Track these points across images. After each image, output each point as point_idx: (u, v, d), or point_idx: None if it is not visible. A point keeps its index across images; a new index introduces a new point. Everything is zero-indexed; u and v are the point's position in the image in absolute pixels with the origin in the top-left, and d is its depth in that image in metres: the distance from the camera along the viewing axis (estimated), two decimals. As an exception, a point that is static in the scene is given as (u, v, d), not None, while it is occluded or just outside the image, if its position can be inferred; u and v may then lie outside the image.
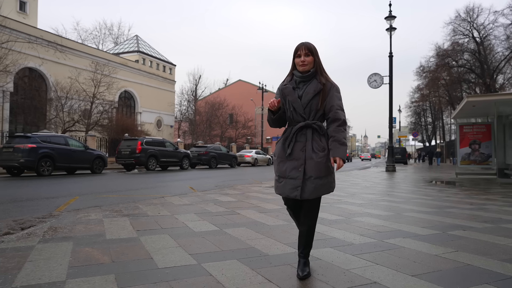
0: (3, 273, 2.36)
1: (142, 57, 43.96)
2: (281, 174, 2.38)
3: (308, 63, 2.36)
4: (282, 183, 2.36)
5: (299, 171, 2.29)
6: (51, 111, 28.73)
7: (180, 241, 3.25)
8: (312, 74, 2.37)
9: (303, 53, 2.36)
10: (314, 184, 2.26)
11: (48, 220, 4.23)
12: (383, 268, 2.49)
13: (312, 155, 2.29)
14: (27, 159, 12.38)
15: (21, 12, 34.67)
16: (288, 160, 2.35)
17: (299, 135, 2.35)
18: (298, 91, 2.37)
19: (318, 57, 2.40)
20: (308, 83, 2.37)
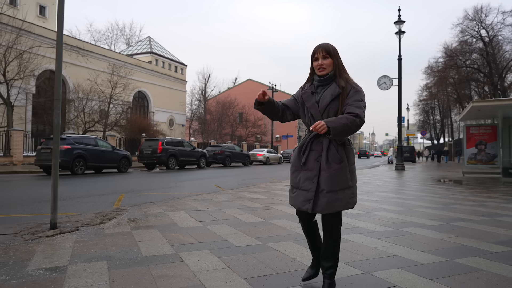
0: (130, 247, 3.30)
1: (155, 58, 45.08)
2: (294, 185, 2.28)
3: (327, 66, 2.21)
4: (295, 194, 2.26)
5: (312, 183, 2.16)
6: (70, 112, 29.91)
7: (239, 229, 4.17)
8: (331, 77, 2.21)
9: (320, 56, 2.21)
10: (326, 198, 2.11)
11: (122, 213, 5.17)
12: (401, 247, 3.38)
13: (325, 166, 2.13)
14: (63, 159, 13.41)
15: (41, 16, 35.92)
16: (302, 170, 2.22)
17: (314, 143, 2.20)
18: (316, 96, 2.23)
19: (338, 58, 2.24)
20: (327, 87, 2.22)
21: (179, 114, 48.11)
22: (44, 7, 36.97)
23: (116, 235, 3.83)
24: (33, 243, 3.46)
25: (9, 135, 20.33)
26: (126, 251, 3.21)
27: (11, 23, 22.50)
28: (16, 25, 22.53)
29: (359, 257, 3.05)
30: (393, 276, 2.59)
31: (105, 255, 3.08)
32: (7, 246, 3.36)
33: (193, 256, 3.06)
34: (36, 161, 14.07)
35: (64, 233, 3.87)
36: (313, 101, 2.22)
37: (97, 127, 28.12)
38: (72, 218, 4.71)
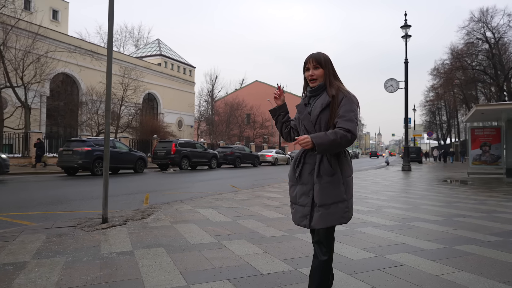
0: (177, 237, 3.91)
1: (164, 60, 45.88)
2: (292, 200, 2.21)
3: (318, 77, 2.13)
4: (294, 210, 2.18)
5: (308, 197, 2.08)
6: (83, 114, 30.74)
7: (265, 223, 4.76)
8: (321, 87, 2.13)
9: (311, 66, 2.14)
10: (319, 212, 2.03)
11: (157, 210, 5.79)
12: (407, 237, 3.96)
13: (317, 179, 2.05)
14: (84, 160, 14.14)
15: (54, 20, 36.84)
16: (298, 184, 2.15)
17: (308, 156, 2.13)
18: (309, 107, 2.17)
19: (329, 67, 2.14)
20: (318, 97, 2.14)
21: (188, 115, 48.87)
22: (57, 11, 37.92)
23: (160, 228, 4.44)
24: (94, 234, 4.08)
25: (28, 137, 21.14)
26: (176, 240, 3.82)
27: (28, 28, 23.32)
28: (32, 30, 23.33)
29: (373, 245, 3.62)
30: (402, 258, 3.17)
31: (159, 243, 3.69)
32: (73, 236, 3.98)
33: (233, 244, 3.65)
34: (58, 162, 14.79)
35: (115, 226, 4.49)
36: (306, 113, 2.15)
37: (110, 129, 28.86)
38: (116, 214, 5.33)
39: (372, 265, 3.00)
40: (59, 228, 4.33)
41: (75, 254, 3.26)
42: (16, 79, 21.85)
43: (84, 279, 2.64)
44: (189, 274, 2.74)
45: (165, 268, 2.89)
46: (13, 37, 21.57)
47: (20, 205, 6.76)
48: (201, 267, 2.91)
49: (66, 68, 29.69)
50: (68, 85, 31.75)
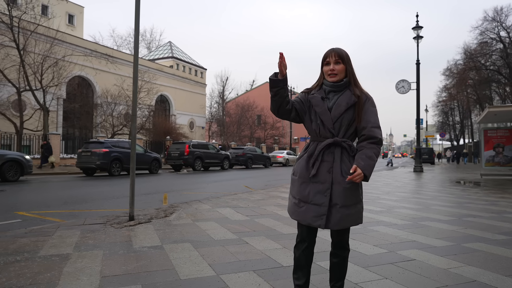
0: (200, 233, 4.20)
1: (176, 62, 46.51)
2: (302, 198, 2.08)
3: (339, 72, 2.06)
4: (303, 209, 2.07)
5: (324, 196, 2.01)
6: (98, 116, 31.43)
7: (282, 221, 5.02)
8: (345, 84, 2.07)
9: (332, 61, 2.06)
10: (340, 214, 2.00)
11: (177, 209, 6.09)
12: (418, 235, 4.17)
13: (340, 179, 2.00)
14: (102, 161, 14.60)
15: (70, 24, 37.73)
16: (311, 182, 2.05)
17: (326, 153, 2.05)
18: (328, 102, 2.07)
19: (351, 65, 2.10)
20: (340, 93, 2.07)
21: (199, 116, 49.40)
22: (72, 15, 38.82)
23: (183, 225, 4.74)
24: (123, 230, 4.40)
25: (47, 138, 21.77)
26: (200, 236, 4.11)
27: (46, 33, 24.01)
28: (50, 35, 24.01)
29: (385, 242, 3.86)
30: (412, 254, 3.39)
31: (185, 239, 3.98)
32: (105, 232, 4.30)
33: (254, 240, 3.92)
34: (77, 163, 15.29)
35: (142, 223, 4.80)
36: (325, 107, 2.05)
37: (124, 131, 29.50)
38: (140, 212, 5.65)
39: (384, 259, 3.23)
40: (90, 225, 4.66)
41: (110, 248, 3.57)
42: (35, 83, 22.51)
43: (124, 268, 2.94)
44: (217, 266, 3.02)
45: (194, 260, 3.17)
46: (32, 42, 22.25)
47: (48, 203, 7.15)
48: (227, 260, 3.19)
49: (82, 71, 30.40)
50: (84, 88, 32.50)
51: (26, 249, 3.51)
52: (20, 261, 3.13)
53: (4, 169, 11.37)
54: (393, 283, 2.65)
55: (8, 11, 20.70)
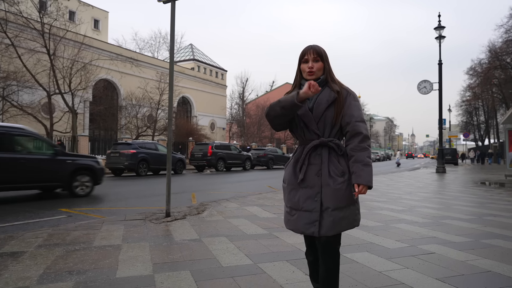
0: (233, 229, 4.56)
1: (197, 64, 47.34)
2: (293, 206, 2.01)
3: (317, 70, 2.00)
4: (295, 217, 2.00)
5: (315, 201, 1.93)
6: (122, 118, 32.44)
7: (307, 219, 5.32)
8: (323, 81, 2.01)
9: (310, 58, 2.00)
10: (332, 217, 1.90)
11: (208, 207, 6.48)
12: (439, 232, 4.40)
13: (329, 181, 1.91)
14: (130, 162, 15.24)
15: (95, 29, 39.02)
16: (300, 188, 1.97)
17: (312, 156, 1.97)
18: (308, 103, 1.99)
19: (328, 63, 2.05)
20: (319, 92, 1.97)
21: (220, 117, 50.07)
22: (97, 20, 40.14)
23: (216, 221, 5.11)
24: (162, 225, 4.80)
25: (76, 140, 22.73)
26: (233, 231, 4.46)
27: (74, 38, 25.03)
28: (78, 40, 25.02)
29: (406, 237, 4.11)
30: (432, 248, 3.65)
31: (220, 233, 4.35)
32: (146, 226, 4.72)
33: (283, 235, 4.25)
34: (107, 163, 15.98)
35: (178, 220, 5.20)
36: (306, 109, 1.97)
37: (148, 132, 30.35)
38: (174, 210, 6.06)
39: (406, 252, 3.50)
40: (131, 221, 5.09)
41: (154, 240, 3.97)
42: (64, 86, 23.51)
43: (171, 257, 3.33)
44: (253, 256, 3.36)
45: (232, 251, 3.53)
46: (61, 47, 23.25)
47: (87, 201, 7.68)
48: (261, 251, 3.53)
49: (108, 74, 31.45)
50: (109, 91, 33.59)
51: (81, 240, 3.95)
52: (79, 250, 3.56)
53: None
54: (414, 272, 2.93)
55: (40, 19, 21.73)
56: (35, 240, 3.93)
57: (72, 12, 34.68)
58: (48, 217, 5.75)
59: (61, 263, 3.13)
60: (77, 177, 8.27)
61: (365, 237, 4.14)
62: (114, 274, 2.86)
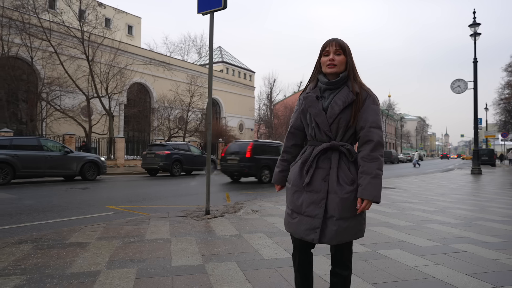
0: (270, 226, 4.86)
1: (226, 66, 48.11)
2: (295, 209, 1.94)
3: (338, 63, 1.86)
4: (296, 220, 1.93)
5: (319, 207, 1.84)
6: (155, 120, 33.56)
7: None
8: (343, 79, 1.87)
9: (332, 50, 1.88)
10: (336, 227, 1.81)
11: (243, 206, 6.81)
12: (471, 233, 4.51)
13: (336, 188, 1.82)
14: (165, 162, 15.88)
15: (129, 35, 40.56)
16: (305, 191, 1.89)
17: (321, 159, 1.88)
18: (323, 102, 1.89)
19: (352, 58, 1.92)
20: (337, 91, 1.87)
21: (248, 119, 50.65)
22: (131, 26, 41.69)
23: (253, 219, 5.43)
24: (203, 222, 5.17)
25: (112, 141, 23.84)
26: (270, 228, 4.76)
27: (110, 44, 26.22)
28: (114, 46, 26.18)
29: (438, 237, 4.26)
30: (464, 247, 3.80)
31: (258, 230, 4.66)
32: (189, 223, 5.10)
33: (318, 232, 4.51)
34: (143, 164, 16.73)
35: (217, 217, 5.55)
36: (319, 108, 1.88)
37: (179, 133, 31.26)
38: (212, 208, 6.43)
39: (437, 250, 3.67)
40: (175, 218, 5.50)
41: (199, 235, 4.34)
42: (101, 90, 24.68)
43: (217, 250, 3.67)
44: (291, 250, 3.64)
45: (271, 246, 3.83)
46: (99, 53, 24.44)
47: (130, 199, 8.22)
48: (298, 247, 3.80)
49: (141, 78, 32.65)
50: (142, 94, 34.84)
51: (133, 234, 4.37)
52: (134, 242, 3.97)
53: (84, 169, 12.89)
54: (445, 268, 3.12)
55: (80, 27, 22.96)
56: (94, 233, 4.38)
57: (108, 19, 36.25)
58: (98, 213, 6.28)
59: (122, 252, 3.54)
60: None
61: (396, 235, 4.33)
62: (169, 263, 3.23)
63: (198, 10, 5.85)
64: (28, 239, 4.05)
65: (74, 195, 9.00)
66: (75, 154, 13.04)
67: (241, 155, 13.12)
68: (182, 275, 2.93)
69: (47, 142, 12.63)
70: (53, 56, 22.55)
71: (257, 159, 12.92)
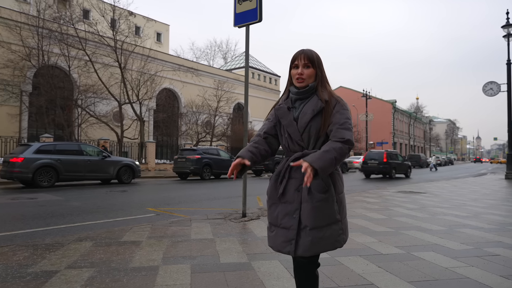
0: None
1: (251, 71, 48.62)
2: (272, 221, 1.92)
3: (307, 77, 1.89)
4: (273, 233, 1.91)
5: (293, 218, 1.81)
6: (182, 124, 34.42)
7: (372, 222, 5.71)
8: (311, 89, 1.90)
9: (301, 64, 1.89)
10: (310, 237, 1.76)
11: (276, 209, 7.08)
12: (504, 237, 4.60)
13: (308, 197, 1.79)
14: (195, 166, 16.39)
15: (158, 42, 41.84)
16: (280, 203, 1.88)
17: (294, 169, 1.84)
18: (294, 112, 1.91)
19: (322, 69, 1.93)
20: (307, 100, 1.89)
21: (273, 123, 50.96)
22: (160, 33, 42.99)
23: (288, 222, 5.68)
24: (241, 224, 5.48)
25: (143, 146, 24.69)
26: (305, 230, 5.01)
27: (141, 52, 27.23)
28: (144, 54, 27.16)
29: (471, 241, 4.38)
30: (497, 251, 3.91)
31: (294, 232, 4.91)
32: (228, 225, 5.42)
33: (352, 235, 4.70)
34: (174, 168, 17.32)
35: (253, 220, 5.85)
36: (290, 118, 1.89)
37: (207, 138, 31.93)
38: (248, 211, 6.74)
39: (471, 253, 3.82)
40: (214, 220, 5.83)
41: (240, 236, 4.64)
42: (133, 96, 25.65)
43: (259, 249, 3.96)
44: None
45: (309, 247, 4.07)
46: (130, 61, 25.44)
47: (167, 202, 8.66)
48: (335, 248, 4.04)
49: (170, 84, 33.61)
50: (170, 99, 35.84)
51: (179, 234, 4.73)
52: (182, 241, 4.32)
53: (120, 173, 13.53)
54: (478, 269, 3.27)
55: (113, 36, 24.00)
56: (143, 232, 4.77)
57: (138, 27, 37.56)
58: (141, 215, 6.71)
59: (173, 251, 3.88)
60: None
61: (429, 239, 4.48)
62: (218, 260, 3.55)
63: (235, 24, 6.19)
64: (86, 237, 4.48)
65: (115, 197, 9.54)
66: (112, 158, 13.72)
67: (380, 160, 19.51)
68: (232, 271, 3.23)
69: (87, 147, 13.37)
70: (88, 64, 23.70)
71: (390, 163, 19.55)
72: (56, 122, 23.28)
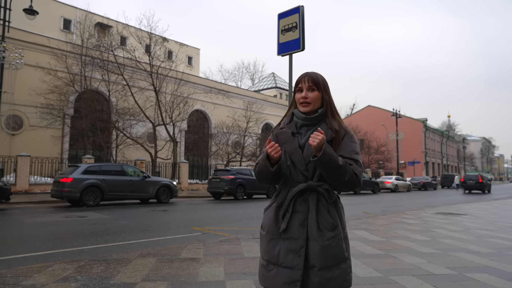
0: (352, 248, 5.26)
1: (279, 92, 49.42)
2: (271, 259, 1.72)
3: (312, 101, 1.76)
4: (273, 273, 1.71)
5: (298, 257, 1.65)
6: (213, 145, 35.18)
7: (416, 243, 5.77)
8: (321, 116, 1.78)
9: (305, 87, 1.78)
10: (318, 278, 1.62)
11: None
12: (557, 261, 4.59)
13: (317, 235, 1.65)
14: (229, 186, 16.75)
15: (189, 65, 43.38)
16: (282, 239, 1.71)
17: (298, 202, 1.71)
18: (300, 139, 1.76)
19: (329, 93, 1.81)
20: (314, 128, 1.75)
21: (302, 142, 51.10)
22: (191, 57, 44.59)
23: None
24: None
25: (177, 166, 25.43)
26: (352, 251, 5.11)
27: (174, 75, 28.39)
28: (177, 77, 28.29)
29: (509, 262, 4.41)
30: (552, 273, 3.94)
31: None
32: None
33: (400, 255, 4.83)
34: (208, 188, 17.75)
35: (298, 239, 6.05)
36: (296, 145, 1.74)
37: (237, 158, 32.43)
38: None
39: (525, 275, 3.87)
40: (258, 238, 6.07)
41: (290, 255, 4.85)
42: (166, 118, 26.61)
43: (312, 268, 4.16)
44: (381, 271, 4.04)
45: (360, 266, 4.24)
46: (164, 84, 26.55)
47: (208, 222, 8.99)
48: (386, 267, 4.18)
49: (202, 106, 34.64)
50: (201, 120, 36.84)
51: (232, 252, 5.00)
52: (237, 259, 4.59)
53: (159, 193, 14.07)
54: (535, 291, 3.35)
55: (149, 61, 25.24)
56: (198, 250, 5.08)
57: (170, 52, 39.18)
58: (188, 234, 7.05)
59: (232, 267, 4.16)
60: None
61: (479, 261, 4.54)
62: (277, 277, 3.78)
63: (278, 53, 6.57)
64: (148, 253, 4.83)
65: (158, 216, 9.98)
66: (152, 178, 14.31)
67: (476, 180, 26.88)
68: (293, 287, 3.46)
69: (129, 168, 14.04)
70: (125, 88, 24.93)
71: (483, 183, 26.89)
72: (95, 144, 24.45)
